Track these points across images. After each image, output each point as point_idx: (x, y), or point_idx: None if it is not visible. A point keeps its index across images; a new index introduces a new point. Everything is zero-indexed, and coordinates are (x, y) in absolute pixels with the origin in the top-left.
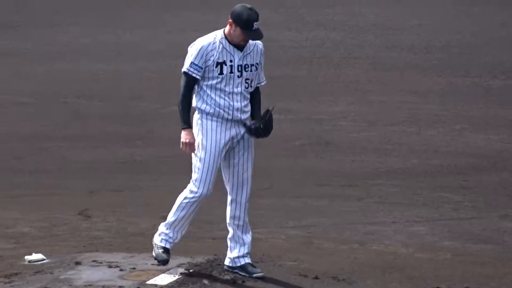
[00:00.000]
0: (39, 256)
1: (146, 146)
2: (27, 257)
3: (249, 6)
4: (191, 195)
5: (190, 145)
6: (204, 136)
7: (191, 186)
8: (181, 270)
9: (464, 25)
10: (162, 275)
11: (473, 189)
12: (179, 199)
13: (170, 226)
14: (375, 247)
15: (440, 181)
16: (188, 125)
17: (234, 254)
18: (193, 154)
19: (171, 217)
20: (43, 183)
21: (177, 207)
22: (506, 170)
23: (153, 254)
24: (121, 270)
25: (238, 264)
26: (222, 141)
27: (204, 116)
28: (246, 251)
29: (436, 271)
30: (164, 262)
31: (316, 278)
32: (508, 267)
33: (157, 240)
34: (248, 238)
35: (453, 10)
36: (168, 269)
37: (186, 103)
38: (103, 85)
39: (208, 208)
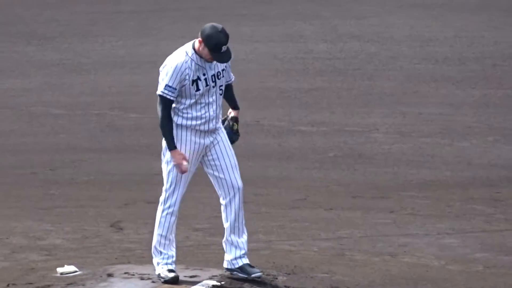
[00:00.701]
0: (71, 268)
1: None
2: (59, 269)
3: (219, 27)
4: (167, 205)
5: (181, 166)
6: (178, 146)
7: (162, 197)
8: (213, 282)
9: (498, 37)
10: (194, 287)
11: (506, 201)
12: (158, 214)
13: (160, 246)
14: (407, 259)
15: (472, 193)
16: (173, 146)
17: (231, 256)
18: (163, 164)
19: (156, 236)
20: (76, 195)
21: (158, 224)
22: None
23: (161, 280)
24: (153, 282)
25: (236, 266)
26: (195, 152)
27: (178, 127)
28: (242, 252)
29: (468, 283)
30: (175, 279)
31: None
32: None
33: (159, 270)
34: (242, 239)
35: (487, 22)
36: (200, 281)
37: (167, 124)
38: (138, 97)
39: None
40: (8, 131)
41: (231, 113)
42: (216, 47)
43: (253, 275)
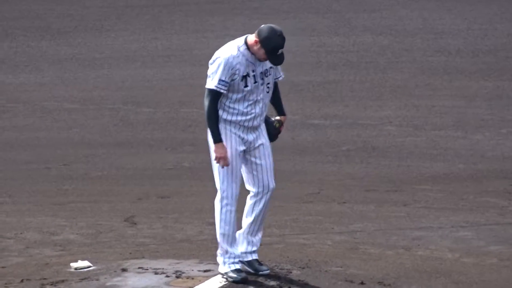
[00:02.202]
0: (85, 263)
1: (195, 152)
2: (73, 264)
3: (278, 30)
4: (224, 202)
5: (224, 159)
6: (223, 141)
7: (217, 196)
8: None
9: (511, 29)
10: (208, 281)
11: None
12: (216, 213)
13: (225, 244)
14: (421, 252)
15: (486, 186)
16: (220, 139)
17: (242, 248)
18: (213, 162)
19: (219, 236)
20: (90, 189)
21: (219, 222)
22: None
23: (229, 283)
24: (167, 276)
25: (245, 260)
26: (241, 146)
27: (223, 121)
28: (254, 248)
29: (482, 276)
30: (244, 279)
31: (362, 283)
32: None
33: (225, 269)
34: (257, 238)
35: (500, 14)
36: (214, 275)
37: (215, 118)
38: (152, 91)
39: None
40: (22, 126)
41: (277, 117)
42: (273, 50)
43: (260, 272)
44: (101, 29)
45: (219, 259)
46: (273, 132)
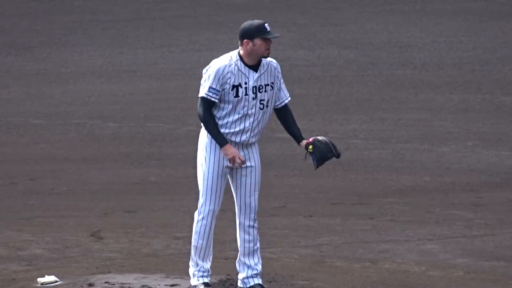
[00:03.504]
0: (52, 278)
1: (161, 167)
2: (40, 280)
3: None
4: (201, 216)
5: (238, 158)
6: (208, 154)
7: (198, 206)
8: None
9: (476, 42)
10: None
11: (486, 206)
12: (194, 224)
13: (196, 257)
14: (387, 265)
15: (452, 198)
16: (224, 141)
17: (243, 275)
18: (198, 173)
19: (192, 247)
20: (56, 204)
21: (193, 234)
22: None
23: None
24: None
25: (248, 285)
26: (227, 162)
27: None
28: (254, 272)
29: None
30: None
31: None
32: None
33: (194, 281)
34: (254, 260)
35: (466, 27)
36: None
37: (212, 125)
38: (118, 106)
39: (220, 228)
40: None
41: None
42: (261, 28)
43: None
44: (67, 44)
45: (190, 270)
46: (318, 158)
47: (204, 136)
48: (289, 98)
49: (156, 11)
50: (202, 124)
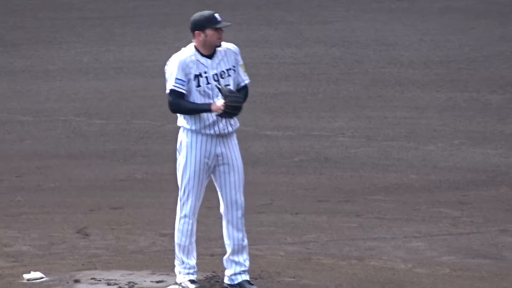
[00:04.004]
0: (37, 274)
1: (147, 164)
2: (26, 276)
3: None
4: (183, 213)
5: (222, 105)
6: (187, 152)
7: (179, 205)
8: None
9: (463, 40)
10: None
11: (472, 204)
12: (176, 223)
13: (180, 254)
14: (373, 262)
15: (439, 196)
16: (207, 104)
17: (231, 271)
18: (177, 172)
19: (175, 245)
20: (43, 201)
21: (176, 231)
22: (504, 184)
23: None
24: (119, 287)
25: (236, 282)
26: (206, 158)
27: (188, 132)
28: (243, 268)
29: (435, 286)
30: None
31: None
32: (507, 282)
33: (180, 279)
34: (242, 257)
35: (452, 25)
36: (167, 286)
37: (187, 103)
38: (104, 103)
39: (205, 225)
40: None
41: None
42: (211, 18)
43: None
44: (54, 41)
45: (176, 268)
46: (225, 95)
47: (183, 136)
48: (249, 80)
49: (143, 8)
50: (178, 114)
